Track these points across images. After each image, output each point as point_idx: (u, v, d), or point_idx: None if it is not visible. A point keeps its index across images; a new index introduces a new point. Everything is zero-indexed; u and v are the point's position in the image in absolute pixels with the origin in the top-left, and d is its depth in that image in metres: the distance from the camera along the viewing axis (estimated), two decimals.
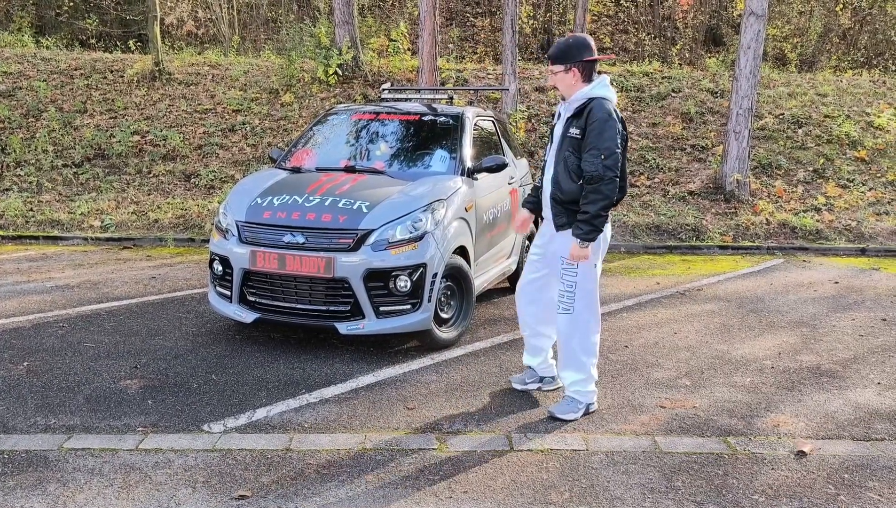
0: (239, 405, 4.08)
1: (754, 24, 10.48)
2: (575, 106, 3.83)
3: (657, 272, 8.11)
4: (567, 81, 3.85)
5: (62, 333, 5.38)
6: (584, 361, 3.98)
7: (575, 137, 3.79)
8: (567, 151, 3.81)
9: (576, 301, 3.89)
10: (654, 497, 3.17)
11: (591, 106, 3.77)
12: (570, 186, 3.81)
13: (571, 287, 3.88)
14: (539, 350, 4.32)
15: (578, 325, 3.93)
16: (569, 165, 3.80)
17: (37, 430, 3.73)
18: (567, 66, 3.82)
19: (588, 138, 3.73)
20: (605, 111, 3.74)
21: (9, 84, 13.57)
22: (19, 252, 8.71)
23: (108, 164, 11.63)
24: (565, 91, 3.88)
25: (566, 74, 3.84)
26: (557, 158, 3.88)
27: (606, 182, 3.70)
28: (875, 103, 13.77)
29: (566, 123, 3.87)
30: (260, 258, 4.77)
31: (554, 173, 3.88)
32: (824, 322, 6.10)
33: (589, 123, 3.73)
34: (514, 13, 12.44)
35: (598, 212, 3.71)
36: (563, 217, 3.86)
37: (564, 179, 3.82)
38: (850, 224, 10.15)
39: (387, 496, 3.14)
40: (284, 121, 12.66)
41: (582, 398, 4.01)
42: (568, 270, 3.87)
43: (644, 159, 11.92)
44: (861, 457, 3.61)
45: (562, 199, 3.85)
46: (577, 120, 3.80)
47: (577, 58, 3.80)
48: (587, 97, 3.81)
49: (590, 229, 3.73)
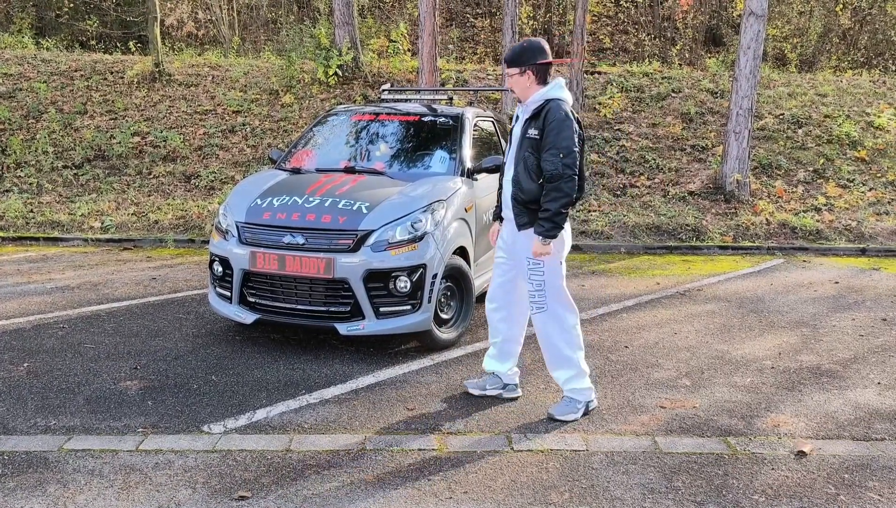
0: (239, 406, 4.08)
1: (754, 24, 10.48)
2: (532, 108, 3.91)
3: (657, 273, 8.11)
4: (522, 84, 3.94)
5: (62, 334, 5.38)
6: (570, 355, 4.00)
7: (534, 137, 3.87)
8: (526, 152, 3.89)
9: (547, 299, 3.95)
10: (655, 497, 3.17)
11: (548, 107, 3.85)
12: (531, 186, 3.88)
13: (541, 286, 3.93)
14: (510, 356, 4.27)
15: (555, 320, 3.97)
16: (528, 166, 3.88)
17: (37, 431, 3.73)
18: (522, 68, 3.91)
19: (547, 138, 3.81)
20: (562, 112, 3.83)
21: (9, 85, 13.58)
22: (20, 253, 8.71)
23: (109, 165, 11.64)
24: (521, 93, 3.97)
25: (521, 76, 3.93)
26: (517, 159, 3.95)
27: (566, 180, 3.79)
28: (875, 103, 13.77)
29: (524, 125, 3.95)
30: (260, 259, 4.78)
31: (514, 174, 3.95)
32: (824, 322, 6.09)
33: (547, 123, 3.82)
34: (514, 14, 12.44)
35: (559, 209, 3.80)
36: (524, 217, 3.93)
37: (525, 180, 3.89)
38: (851, 224, 10.15)
39: (387, 496, 3.14)
40: (284, 122, 12.67)
41: (580, 397, 4.01)
42: (535, 269, 3.93)
43: (644, 160, 11.92)
44: (861, 457, 3.61)
45: (523, 199, 3.91)
46: (534, 121, 3.89)
47: (532, 61, 3.90)
48: (544, 99, 3.89)
49: (552, 226, 3.81)
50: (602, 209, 10.54)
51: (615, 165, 11.83)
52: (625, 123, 12.98)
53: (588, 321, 5.98)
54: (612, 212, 10.43)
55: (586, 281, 7.55)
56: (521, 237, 3.97)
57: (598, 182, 11.40)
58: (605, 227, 9.92)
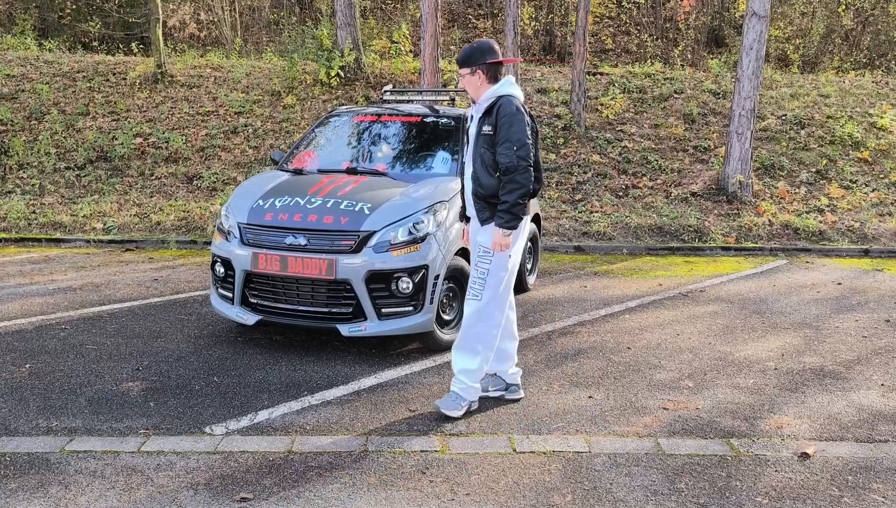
0: (241, 408, 4.07)
1: (756, 25, 10.47)
2: (485, 105, 3.99)
3: (660, 274, 8.10)
4: (474, 83, 4.03)
5: (64, 335, 5.38)
6: (479, 350, 4.00)
7: (488, 134, 3.95)
8: (482, 149, 3.97)
9: (485, 289, 3.95)
10: (657, 499, 3.16)
11: (499, 103, 3.93)
12: (489, 181, 3.95)
13: (483, 275, 3.96)
14: (507, 355, 4.25)
15: (482, 315, 3.97)
16: (485, 161, 3.96)
17: (39, 432, 3.73)
18: (472, 68, 4.00)
19: (500, 133, 3.89)
20: (512, 106, 3.91)
21: (12, 87, 13.59)
22: (22, 254, 8.72)
23: (111, 166, 11.65)
24: (473, 92, 4.05)
25: (472, 76, 4.01)
26: (474, 156, 4.02)
27: (521, 171, 3.86)
28: (878, 104, 13.75)
29: (479, 123, 4.02)
30: (262, 260, 4.77)
31: (473, 171, 4.03)
32: (827, 324, 6.08)
33: (499, 118, 3.90)
34: (515, 15, 12.43)
35: (517, 200, 3.87)
36: (486, 212, 3.99)
37: (483, 175, 3.97)
38: (853, 225, 10.14)
39: (389, 497, 3.13)
40: (286, 123, 12.67)
41: (465, 395, 4.01)
42: (483, 257, 3.97)
43: (646, 161, 11.91)
44: (865, 459, 3.60)
45: (482, 194, 3.98)
46: (487, 118, 3.96)
47: (481, 61, 3.99)
48: (495, 96, 3.97)
49: (511, 218, 3.87)
50: (604, 210, 10.53)
51: (617, 166, 11.82)
52: (627, 124, 12.98)
53: (590, 322, 5.97)
54: (615, 213, 10.42)
55: (588, 282, 7.54)
56: (483, 231, 4.02)
57: (600, 183, 11.39)
58: (607, 228, 9.91)
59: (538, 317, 6.09)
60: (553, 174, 11.52)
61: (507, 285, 4.03)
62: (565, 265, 8.49)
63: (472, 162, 4.05)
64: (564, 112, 12.94)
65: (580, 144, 12.30)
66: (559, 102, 13.41)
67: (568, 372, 4.75)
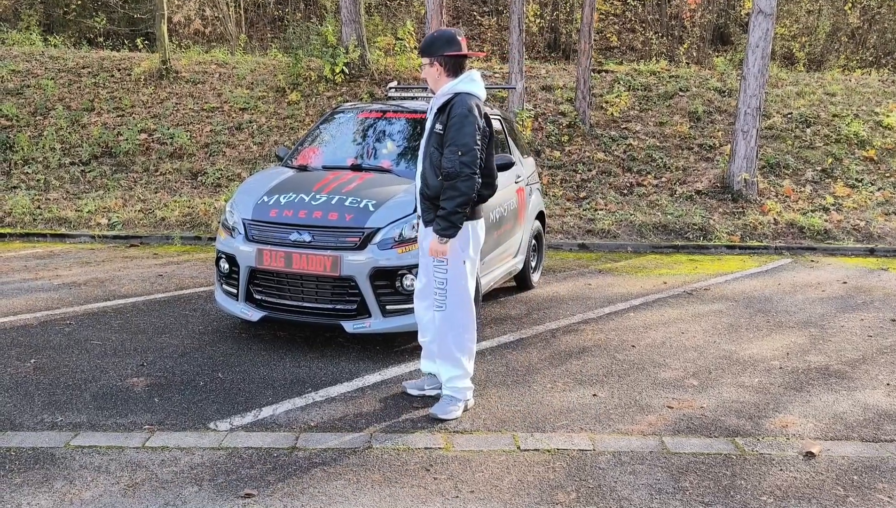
0: (245, 404, 4.08)
1: (762, 22, 10.44)
2: (441, 101, 3.82)
3: (664, 272, 8.08)
4: (432, 75, 3.85)
5: (69, 330, 5.39)
6: (458, 357, 3.96)
7: (438, 132, 3.78)
8: (432, 147, 3.80)
9: (447, 298, 3.87)
10: (662, 497, 3.15)
11: (454, 101, 3.77)
12: (436, 183, 3.78)
13: (443, 284, 3.86)
14: None
15: (452, 323, 3.92)
16: (433, 161, 3.79)
17: (43, 427, 3.74)
18: (430, 59, 3.82)
19: (448, 134, 3.72)
20: (465, 107, 3.72)
21: (17, 82, 13.61)
22: (27, 250, 8.74)
23: (116, 162, 11.66)
24: (432, 84, 3.88)
25: (430, 67, 3.83)
26: (424, 154, 3.86)
27: (463, 179, 3.68)
28: (884, 103, 13.70)
29: (433, 119, 3.85)
30: (266, 257, 4.77)
31: (422, 169, 3.85)
32: (833, 323, 6.06)
33: (450, 118, 3.73)
34: (520, 12, 12.41)
35: (455, 209, 3.69)
36: (430, 213, 3.84)
37: (430, 175, 3.80)
38: (859, 224, 10.10)
39: (393, 494, 3.13)
40: (291, 119, 12.67)
41: (459, 396, 4.00)
42: (438, 267, 3.85)
43: (651, 159, 11.89)
44: (870, 458, 3.58)
45: (428, 195, 3.82)
46: (441, 115, 3.80)
47: (440, 52, 3.80)
48: (452, 92, 3.80)
49: (447, 226, 3.72)
50: (609, 208, 10.51)
51: (622, 163, 11.80)
52: (632, 121, 12.95)
53: (595, 320, 5.96)
54: (619, 211, 10.40)
55: (593, 280, 7.53)
56: (427, 235, 3.90)
57: (605, 181, 11.37)
58: (611, 226, 9.89)
59: (542, 315, 6.08)
60: (558, 172, 11.50)
61: (470, 289, 3.94)
62: (570, 263, 8.48)
63: (421, 160, 3.88)
64: (569, 109, 12.91)
65: (585, 142, 12.28)
66: (564, 100, 13.39)
67: (572, 370, 4.74)
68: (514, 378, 4.57)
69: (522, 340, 5.38)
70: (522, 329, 5.64)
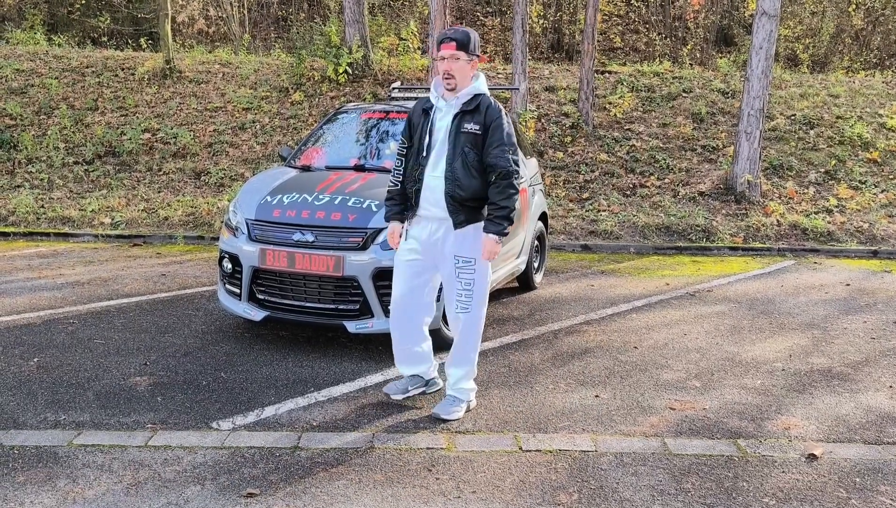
0: (248, 403, 4.08)
1: (766, 24, 10.43)
2: (464, 100, 3.79)
3: (667, 273, 8.08)
4: (465, 72, 3.78)
5: (72, 329, 5.40)
6: (473, 356, 4.01)
7: (474, 132, 3.74)
8: (466, 147, 3.75)
9: (473, 299, 3.87)
10: (664, 499, 3.15)
11: (484, 102, 3.79)
12: (472, 183, 3.75)
13: (470, 286, 3.84)
14: (425, 359, 4.16)
15: (475, 323, 3.94)
16: (468, 162, 3.74)
17: (47, 426, 3.75)
18: (471, 57, 3.78)
19: (494, 134, 3.74)
20: (500, 107, 3.82)
21: (21, 81, 13.64)
22: (30, 249, 8.75)
23: (119, 161, 11.68)
24: (461, 81, 3.78)
25: (467, 63, 3.77)
26: (452, 154, 3.77)
27: (516, 176, 3.76)
28: (888, 105, 13.68)
29: (458, 118, 3.78)
30: (269, 256, 4.78)
31: (449, 171, 3.76)
32: (835, 325, 6.06)
33: (489, 118, 3.74)
34: (524, 12, 12.41)
35: (514, 206, 3.77)
36: (461, 214, 3.78)
37: (464, 176, 3.74)
38: (862, 226, 10.09)
39: (395, 494, 3.13)
40: (294, 119, 12.68)
41: (463, 396, 4.01)
42: (465, 268, 3.82)
43: (654, 160, 11.88)
44: (872, 461, 3.58)
45: (461, 196, 3.76)
46: (473, 116, 3.76)
47: (476, 52, 3.80)
48: (476, 92, 3.81)
49: (508, 224, 3.77)
50: (612, 209, 10.51)
51: (625, 164, 11.80)
52: (635, 122, 12.94)
53: (597, 321, 5.96)
54: (622, 212, 10.39)
55: (595, 281, 7.53)
56: (454, 236, 3.82)
57: (607, 182, 11.37)
58: (614, 227, 9.89)
59: (545, 315, 6.08)
60: (561, 173, 11.50)
61: (488, 289, 3.97)
62: (572, 264, 8.47)
63: (445, 161, 3.77)
64: (572, 110, 12.91)
65: (588, 143, 12.28)
66: (567, 101, 13.39)
67: (574, 371, 4.74)
68: (517, 379, 4.57)
69: (525, 341, 5.38)
70: (525, 330, 5.64)
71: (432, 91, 3.91)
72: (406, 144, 3.97)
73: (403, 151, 3.97)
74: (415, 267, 3.95)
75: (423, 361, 4.17)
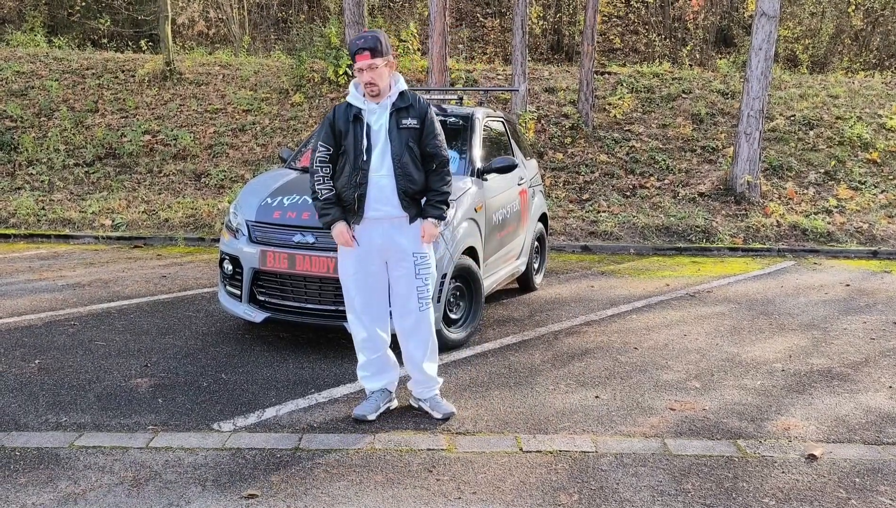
0: (248, 405, 4.09)
1: (766, 25, 10.44)
2: (395, 98, 3.81)
3: (667, 274, 8.09)
4: (387, 75, 3.78)
5: (73, 331, 5.41)
6: (435, 349, 4.03)
7: (413, 127, 3.79)
8: (410, 143, 3.79)
9: (429, 292, 3.91)
10: (664, 499, 3.16)
11: (412, 96, 3.86)
12: (420, 176, 3.82)
13: (427, 279, 3.88)
14: (393, 365, 4.06)
15: (430, 318, 3.96)
16: (414, 156, 3.80)
17: (48, 428, 3.75)
18: (386, 59, 3.77)
19: (431, 126, 3.84)
20: (424, 99, 3.92)
21: (21, 83, 13.66)
22: (31, 251, 8.76)
23: (119, 163, 11.70)
24: (385, 85, 3.78)
25: (386, 67, 3.75)
26: (400, 150, 3.76)
27: (450, 162, 3.94)
28: (887, 105, 13.69)
29: (394, 116, 3.79)
30: (270, 258, 4.79)
31: (398, 167, 3.75)
32: (835, 325, 6.06)
33: (422, 111, 3.83)
34: (524, 14, 12.43)
35: (451, 190, 3.91)
36: (412, 208, 3.82)
37: (414, 171, 3.78)
38: (862, 226, 10.10)
39: (396, 496, 3.14)
40: (294, 121, 12.70)
41: (437, 385, 4.05)
42: (422, 263, 3.86)
43: (654, 161, 11.89)
44: (872, 461, 3.59)
45: (413, 190, 3.80)
46: (408, 111, 3.80)
47: (389, 53, 3.80)
48: (400, 90, 3.84)
49: (447, 208, 3.91)
50: (612, 210, 10.52)
51: (625, 165, 11.81)
52: (635, 123, 12.96)
53: (597, 322, 5.97)
54: (622, 213, 10.40)
55: (595, 282, 7.54)
56: (407, 232, 3.83)
57: (607, 183, 11.38)
58: (614, 228, 9.90)
59: (545, 316, 6.09)
60: (560, 174, 11.51)
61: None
62: (572, 265, 8.48)
63: (390, 158, 3.74)
64: (572, 111, 12.93)
65: (588, 144, 12.29)
66: (567, 102, 13.40)
67: (575, 372, 4.75)
68: (517, 380, 4.58)
69: (525, 341, 5.39)
70: (525, 331, 5.65)
71: (353, 94, 3.83)
72: (329, 151, 3.84)
73: (326, 158, 3.84)
74: (365, 275, 3.86)
75: (388, 369, 4.04)
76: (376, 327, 3.93)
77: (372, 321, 3.91)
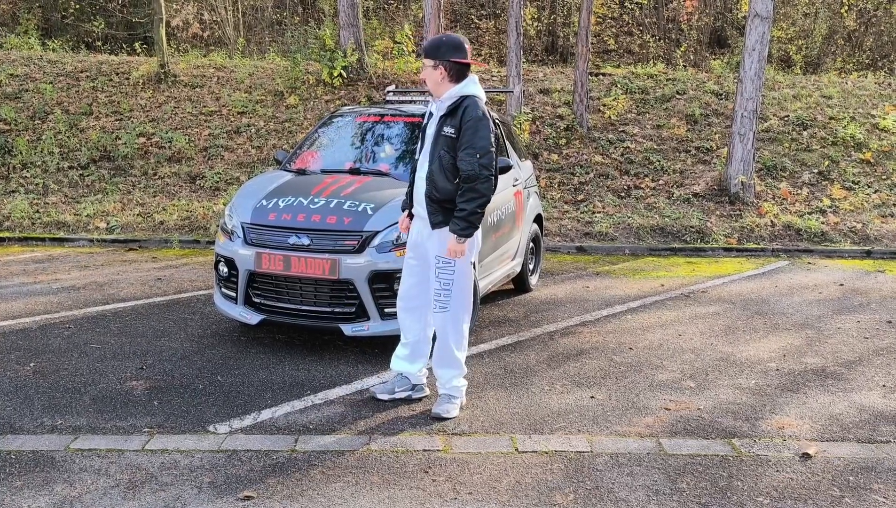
0: (244, 407, 4.09)
1: (759, 25, 10.48)
2: (447, 104, 3.86)
3: (662, 274, 8.11)
4: (434, 78, 3.86)
5: (68, 334, 5.40)
6: (459, 356, 4.04)
7: (449, 135, 3.82)
8: (442, 150, 3.83)
9: (452, 299, 3.92)
10: (659, 498, 3.17)
11: (465, 105, 3.82)
12: (446, 185, 3.84)
13: (448, 285, 3.90)
14: (421, 356, 4.18)
15: (455, 324, 3.98)
16: (444, 164, 3.83)
17: (43, 430, 3.75)
18: (435, 62, 3.83)
19: (463, 137, 3.78)
20: (479, 110, 3.81)
21: (15, 86, 13.63)
22: (25, 254, 8.75)
23: (114, 166, 11.68)
24: (432, 88, 3.90)
25: (434, 70, 3.84)
26: (432, 156, 3.88)
27: (482, 180, 3.78)
28: (880, 105, 13.75)
29: (439, 122, 3.88)
30: (265, 260, 4.79)
31: (429, 172, 3.88)
32: (829, 324, 6.09)
33: (464, 121, 3.78)
34: (518, 15, 12.45)
35: (475, 209, 3.79)
36: (438, 215, 3.88)
37: (440, 178, 3.84)
38: (856, 226, 10.14)
39: (392, 496, 3.15)
40: (289, 123, 12.69)
41: (456, 394, 4.05)
42: (444, 268, 3.89)
43: (648, 161, 11.92)
44: (866, 460, 3.61)
45: (438, 197, 3.86)
46: (450, 119, 3.83)
47: (446, 56, 3.83)
48: (459, 95, 3.85)
49: (466, 226, 3.80)
50: (606, 211, 10.54)
51: (619, 166, 11.83)
52: (629, 124, 12.99)
53: (592, 323, 5.98)
54: (617, 213, 10.43)
55: (590, 282, 7.55)
56: (434, 236, 3.92)
57: (602, 184, 11.40)
58: (609, 228, 9.92)
59: (540, 317, 6.11)
60: (555, 175, 11.53)
61: (470, 289, 4.01)
62: (567, 266, 8.50)
63: (427, 163, 3.90)
64: (567, 112, 12.95)
65: (582, 145, 12.31)
66: (562, 103, 13.42)
67: (570, 372, 4.76)
68: (513, 380, 4.59)
69: (520, 342, 5.40)
70: (520, 332, 5.66)
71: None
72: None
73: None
74: (413, 269, 4.11)
75: (415, 359, 4.18)
76: (407, 314, 4.12)
77: (405, 307, 4.12)
